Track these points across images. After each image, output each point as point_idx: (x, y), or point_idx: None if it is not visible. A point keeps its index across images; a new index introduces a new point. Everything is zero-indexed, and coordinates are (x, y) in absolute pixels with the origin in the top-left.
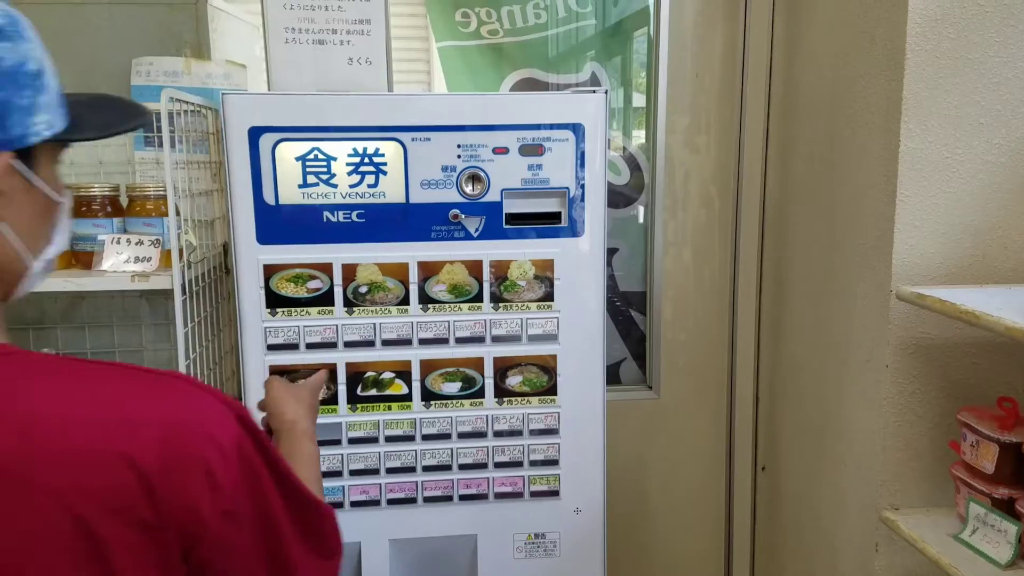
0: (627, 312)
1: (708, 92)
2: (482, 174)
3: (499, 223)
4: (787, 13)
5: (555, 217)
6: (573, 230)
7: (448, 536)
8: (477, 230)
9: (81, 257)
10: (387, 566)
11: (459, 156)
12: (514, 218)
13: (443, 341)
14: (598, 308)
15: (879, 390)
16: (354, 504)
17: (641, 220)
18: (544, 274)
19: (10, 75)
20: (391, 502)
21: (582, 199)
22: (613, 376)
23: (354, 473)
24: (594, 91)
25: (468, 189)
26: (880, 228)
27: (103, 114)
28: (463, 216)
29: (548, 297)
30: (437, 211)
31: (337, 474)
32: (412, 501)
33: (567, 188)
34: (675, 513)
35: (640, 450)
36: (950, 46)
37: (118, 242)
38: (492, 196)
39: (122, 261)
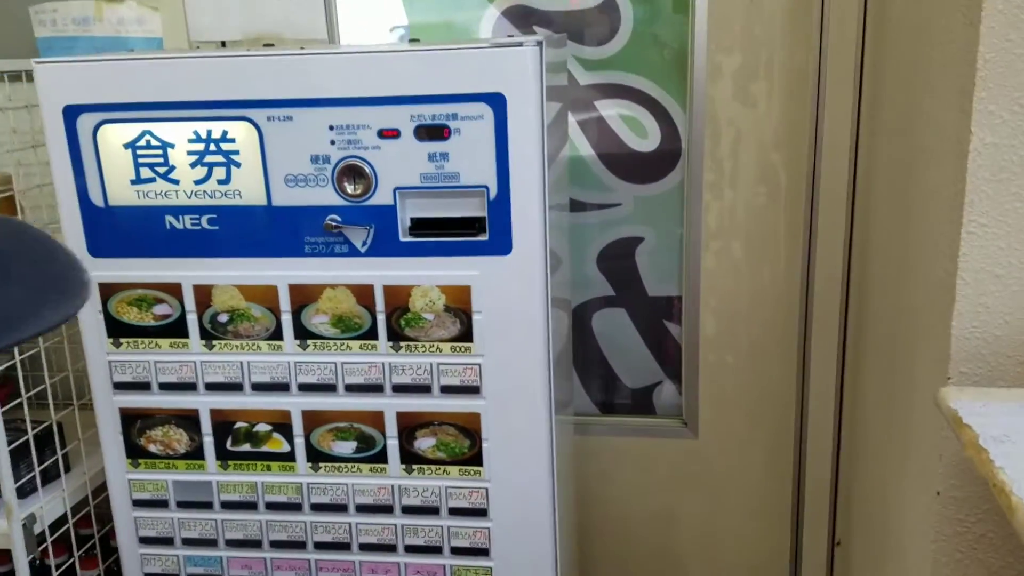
0: (659, 323)
1: (769, 21)
2: (366, 167)
3: (394, 234)
4: None
5: (472, 226)
6: (497, 245)
7: None
8: (365, 244)
9: None
10: None
11: (332, 142)
12: (417, 227)
13: (330, 388)
14: (539, 352)
15: (928, 523)
16: None
17: (676, 200)
18: (458, 305)
19: None
20: None
21: (508, 202)
22: (646, 405)
23: (232, 544)
24: (521, 43)
25: (349, 188)
26: (943, 270)
27: None
28: (343, 224)
29: (465, 336)
30: (309, 216)
31: (212, 543)
32: None
33: (485, 187)
34: None
35: (669, 507)
36: None
37: None
38: (382, 198)
39: None
